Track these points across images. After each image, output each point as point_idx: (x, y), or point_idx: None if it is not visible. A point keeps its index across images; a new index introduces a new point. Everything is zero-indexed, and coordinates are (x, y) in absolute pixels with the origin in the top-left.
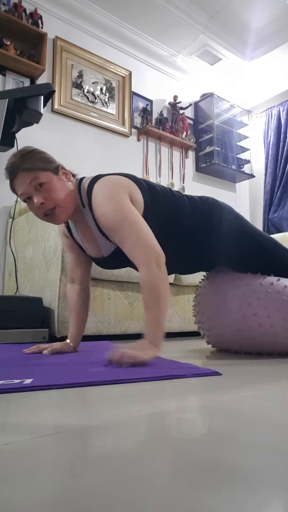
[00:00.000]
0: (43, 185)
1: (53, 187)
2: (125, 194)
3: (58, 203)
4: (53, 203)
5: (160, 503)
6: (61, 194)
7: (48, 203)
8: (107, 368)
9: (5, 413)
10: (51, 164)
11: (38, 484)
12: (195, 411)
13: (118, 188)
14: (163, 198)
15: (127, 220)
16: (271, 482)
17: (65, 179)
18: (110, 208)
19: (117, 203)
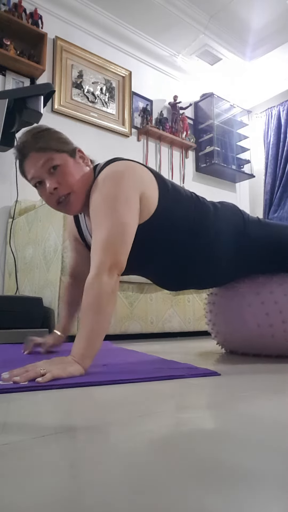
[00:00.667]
0: (57, 168)
1: (68, 171)
2: (133, 187)
3: (73, 189)
4: (68, 189)
5: (160, 503)
6: (77, 179)
7: (63, 188)
8: (106, 368)
9: (5, 413)
10: (67, 145)
11: (38, 484)
12: (195, 411)
13: (128, 174)
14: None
15: (113, 212)
16: (271, 482)
17: (82, 163)
18: (105, 190)
19: (115, 191)
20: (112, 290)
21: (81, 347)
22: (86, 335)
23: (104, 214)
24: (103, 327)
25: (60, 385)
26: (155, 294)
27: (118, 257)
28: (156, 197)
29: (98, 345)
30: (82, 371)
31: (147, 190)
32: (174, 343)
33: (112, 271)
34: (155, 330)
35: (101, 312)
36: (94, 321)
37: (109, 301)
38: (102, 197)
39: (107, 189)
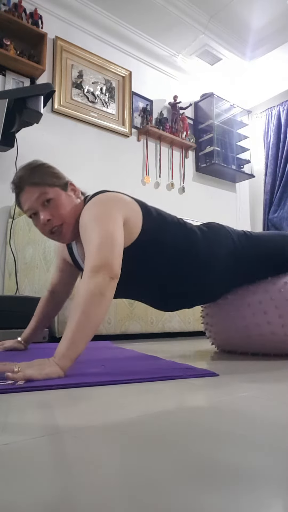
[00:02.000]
0: (50, 201)
1: (61, 204)
2: (117, 209)
3: (65, 220)
4: (61, 220)
5: (160, 503)
6: (69, 211)
7: (55, 220)
8: (105, 368)
9: (5, 413)
10: (60, 179)
11: (38, 484)
12: (194, 411)
13: (111, 201)
14: (173, 227)
15: (100, 226)
16: (271, 482)
17: (73, 195)
18: (92, 212)
19: (100, 210)
20: (101, 292)
21: (63, 347)
22: (70, 335)
23: (92, 229)
24: (88, 329)
25: (60, 385)
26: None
27: (109, 260)
28: (140, 223)
29: (81, 347)
30: (61, 372)
31: (130, 216)
32: (174, 343)
33: (103, 273)
34: (155, 330)
35: (87, 314)
36: (79, 322)
37: (97, 303)
38: (89, 217)
39: (94, 210)
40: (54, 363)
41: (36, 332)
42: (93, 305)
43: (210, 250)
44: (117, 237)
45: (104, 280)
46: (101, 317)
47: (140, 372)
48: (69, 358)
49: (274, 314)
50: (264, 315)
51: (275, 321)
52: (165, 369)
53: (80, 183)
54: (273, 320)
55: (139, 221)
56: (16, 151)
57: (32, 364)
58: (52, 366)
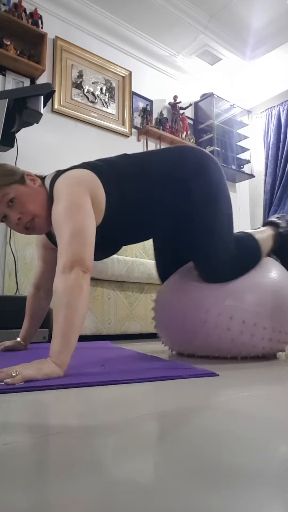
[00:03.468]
0: (14, 200)
1: (25, 199)
2: (84, 193)
3: (35, 213)
4: (30, 215)
5: (160, 503)
6: (35, 203)
7: (25, 216)
8: (105, 368)
9: (5, 413)
10: (15, 175)
11: (38, 484)
12: (194, 411)
13: (76, 187)
14: (134, 178)
15: (71, 220)
16: (271, 482)
17: (33, 185)
18: (62, 205)
19: (70, 202)
20: (78, 286)
21: (57, 345)
22: (60, 332)
23: (63, 224)
24: (75, 322)
25: (60, 385)
26: (155, 294)
27: (81, 255)
28: (104, 198)
29: (74, 340)
30: (60, 372)
31: (95, 193)
32: None
33: (76, 269)
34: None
35: (68, 308)
36: (62, 318)
37: (77, 296)
38: (59, 211)
39: (62, 203)
40: (52, 362)
41: (32, 330)
42: (74, 299)
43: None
44: (88, 229)
45: (78, 275)
46: (84, 308)
47: (140, 372)
48: (65, 354)
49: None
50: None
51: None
52: (165, 369)
53: None
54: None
55: (102, 194)
56: (16, 151)
57: (30, 365)
58: (50, 365)
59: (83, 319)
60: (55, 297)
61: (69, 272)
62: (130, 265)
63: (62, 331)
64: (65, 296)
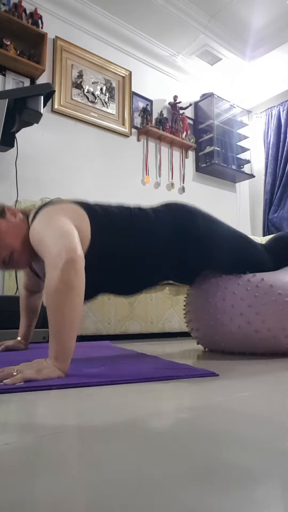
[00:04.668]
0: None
1: (4, 234)
2: (66, 217)
3: (13, 247)
4: (9, 249)
5: (160, 503)
6: (14, 237)
7: (3, 251)
8: (105, 368)
9: (5, 413)
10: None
11: (38, 484)
12: (194, 411)
13: (60, 210)
14: (123, 221)
15: (52, 231)
16: (271, 482)
17: (13, 219)
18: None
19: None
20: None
21: (53, 350)
22: (54, 338)
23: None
24: (68, 326)
25: (60, 385)
26: (155, 294)
27: (68, 244)
28: (89, 232)
29: (70, 344)
30: (60, 372)
31: (79, 224)
32: (173, 343)
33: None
34: (155, 330)
35: (61, 312)
36: (57, 322)
37: (67, 299)
38: (38, 228)
39: (41, 223)
40: (53, 363)
41: (30, 328)
42: (64, 300)
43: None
44: (71, 229)
45: (67, 272)
46: (77, 307)
47: (140, 372)
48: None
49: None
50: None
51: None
52: (165, 369)
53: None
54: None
55: (88, 231)
56: (16, 151)
57: (31, 365)
58: (51, 366)
59: (78, 317)
60: (46, 298)
61: (57, 265)
62: None
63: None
64: (54, 298)
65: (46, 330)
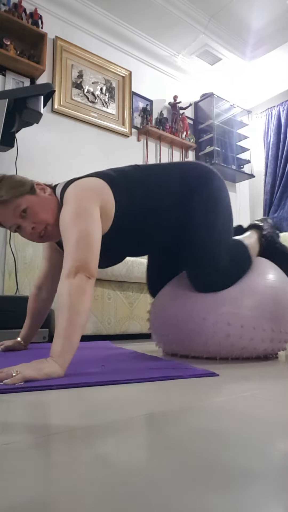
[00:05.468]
0: (26, 210)
1: (37, 209)
2: (92, 201)
3: (47, 221)
4: (43, 224)
5: (160, 502)
6: (46, 212)
7: (38, 225)
8: (105, 368)
9: (5, 413)
10: (25, 185)
11: (38, 484)
12: (194, 411)
13: (85, 194)
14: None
15: (77, 225)
16: (271, 482)
17: (43, 194)
18: (69, 210)
19: (77, 207)
20: (81, 289)
21: (57, 347)
22: (61, 334)
23: (70, 228)
24: (76, 326)
25: (60, 385)
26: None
27: (86, 261)
28: (113, 206)
29: (75, 342)
30: (60, 372)
31: (104, 202)
32: None
33: (81, 273)
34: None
35: (71, 310)
36: (65, 319)
37: (78, 299)
38: (66, 215)
39: (70, 208)
40: (53, 362)
41: (33, 331)
42: (77, 302)
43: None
44: (94, 235)
45: (82, 281)
46: (87, 311)
47: (140, 372)
48: (67, 355)
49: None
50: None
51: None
52: (165, 369)
53: None
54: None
55: (112, 204)
56: (16, 151)
57: (31, 365)
58: (51, 366)
59: (86, 321)
60: (59, 300)
61: (73, 277)
62: (130, 265)
63: (64, 332)
64: (68, 298)
65: (46, 330)
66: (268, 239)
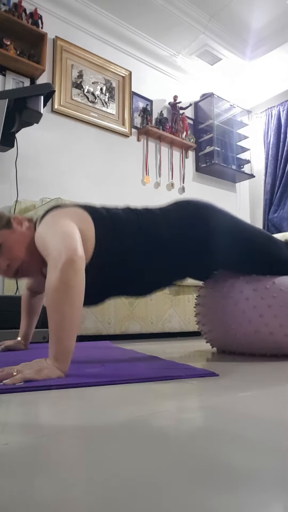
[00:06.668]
0: (1, 246)
1: (12, 245)
2: (70, 219)
3: (23, 258)
4: (19, 260)
5: (160, 503)
6: (22, 247)
7: (13, 262)
8: (105, 368)
9: (5, 413)
10: (1, 220)
11: (38, 484)
12: (194, 411)
13: (60, 214)
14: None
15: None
16: (271, 482)
17: (20, 229)
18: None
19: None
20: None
21: (54, 346)
22: (54, 338)
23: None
24: (68, 326)
25: (60, 385)
26: (155, 294)
27: (69, 245)
28: (93, 235)
29: (70, 344)
30: (60, 372)
31: (83, 227)
32: (173, 343)
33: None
34: (155, 330)
35: (60, 313)
36: (56, 323)
37: (66, 299)
38: (42, 232)
39: (44, 226)
40: (53, 363)
41: (30, 327)
42: (63, 301)
43: (177, 232)
44: (73, 231)
45: (66, 273)
46: (76, 307)
47: (140, 372)
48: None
49: (269, 314)
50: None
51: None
52: (165, 369)
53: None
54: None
55: (92, 234)
56: (16, 151)
57: (31, 365)
58: (51, 366)
59: (78, 317)
60: (46, 298)
61: (57, 265)
62: None
63: (56, 336)
64: (53, 299)
65: (46, 330)
66: None
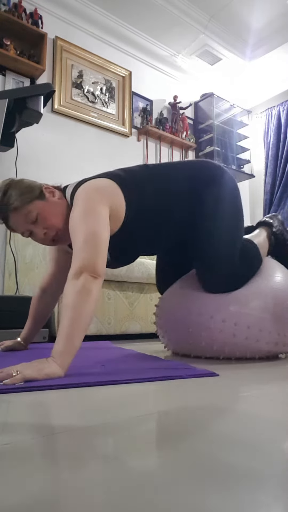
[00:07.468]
0: (38, 216)
1: (47, 215)
2: (101, 202)
3: (58, 226)
4: (55, 229)
5: (160, 502)
6: (56, 216)
7: (50, 230)
8: (105, 368)
9: (5, 413)
10: (34, 191)
11: (38, 484)
12: (194, 411)
13: (95, 195)
14: (151, 187)
15: (84, 225)
16: (271, 482)
17: (52, 198)
18: (77, 210)
19: (86, 208)
20: (86, 290)
21: (60, 346)
22: (65, 333)
23: (78, 229)
24: (80, 325)
25: (60, 385)
26: (155, 294)
27: (92, 261)
28: (123, 206)
29: (77, 343)
30: (61, 372)
31: (114, 202)
32: None
33: (86, 273)
34: (155, 330)
35: (77, 310)
36: (71, 319)
37: (84, 300)
38: (75, 216)
39: (78, 209)
40: (53, 363)
41: (34, 332)
42: (81, 302)
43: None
44: (101, 235)
45: (87, 281)
46: (91, 312)
47: (140, 372)
48: (68, 355)
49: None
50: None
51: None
52: (165, 369)
53: None
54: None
55: (123, 205)
56: (16, 151)
57: (31, 365)
58: (51, 366)
59: (89, 322)
60: (64, 300)
61: (78, 277)
62: (130, 265)
63: (67, 332)
64: (72, 299)
65: (46, 330)
66: (278, 236)
